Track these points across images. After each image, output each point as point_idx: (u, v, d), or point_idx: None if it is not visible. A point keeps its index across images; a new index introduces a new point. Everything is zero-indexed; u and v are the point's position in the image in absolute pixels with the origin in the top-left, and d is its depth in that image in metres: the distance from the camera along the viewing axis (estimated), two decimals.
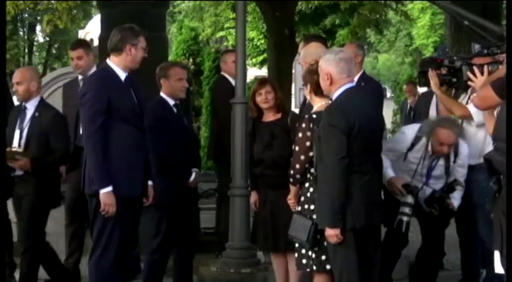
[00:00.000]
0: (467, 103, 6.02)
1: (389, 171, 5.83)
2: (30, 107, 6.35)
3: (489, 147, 5.81)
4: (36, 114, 6.31)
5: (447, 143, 5.88)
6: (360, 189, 4.75)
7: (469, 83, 5.15)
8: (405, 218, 5.68)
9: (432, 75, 5.77)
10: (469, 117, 5.95)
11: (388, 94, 32.87)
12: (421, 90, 10.05)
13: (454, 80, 5.65)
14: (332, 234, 4.75)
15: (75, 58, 6.93)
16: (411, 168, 5.96)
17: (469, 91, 5.99)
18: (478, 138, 6.02)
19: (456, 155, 5.99)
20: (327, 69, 4.88)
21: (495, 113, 4.47)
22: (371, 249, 4.86)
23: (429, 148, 5.93)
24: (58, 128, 6.29)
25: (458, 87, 5.88)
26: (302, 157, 5.11)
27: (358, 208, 4.74)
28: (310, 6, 20.28)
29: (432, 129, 5.88)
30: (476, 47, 5.32)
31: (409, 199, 5.71)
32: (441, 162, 5.99)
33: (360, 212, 4.74)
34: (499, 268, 4.00)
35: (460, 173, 6.05)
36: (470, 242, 6.44)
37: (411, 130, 6.13)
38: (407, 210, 5.68)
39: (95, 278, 5.24)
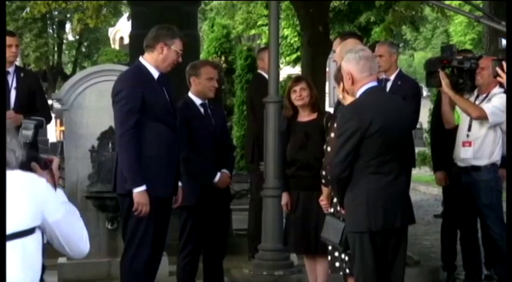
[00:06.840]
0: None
1: None
2: None
3: (499, 149, 5.97)
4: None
5: None
6: (377, 190, 4.53)
7: (498, 78, 5.08)
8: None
9: (443, 76, 5.80)
10: (485, 118, 5.94)
11: (425, 93, 32.51)
12: None
13: (461, 80, 5.63)
14: None
15: None
16: None
17: (475, 92, 6.04)
18: (488, 140, 5.99)
19: None
20: (348, 69, 4.68)
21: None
22: (392, 253, 4.62)
23: None
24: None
25: (464, 89, 5.95)
26: None
27: (375, 210, 4.53)
28: (344, 3, 20.13)
29: None
30: (504, 41, 5.21)
31: None
32: None
33: (377, 214, 4.52)
34: None
35: None
36: (473, 242, 6.49)
37: None
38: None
39: (128, 278, 5.18)
